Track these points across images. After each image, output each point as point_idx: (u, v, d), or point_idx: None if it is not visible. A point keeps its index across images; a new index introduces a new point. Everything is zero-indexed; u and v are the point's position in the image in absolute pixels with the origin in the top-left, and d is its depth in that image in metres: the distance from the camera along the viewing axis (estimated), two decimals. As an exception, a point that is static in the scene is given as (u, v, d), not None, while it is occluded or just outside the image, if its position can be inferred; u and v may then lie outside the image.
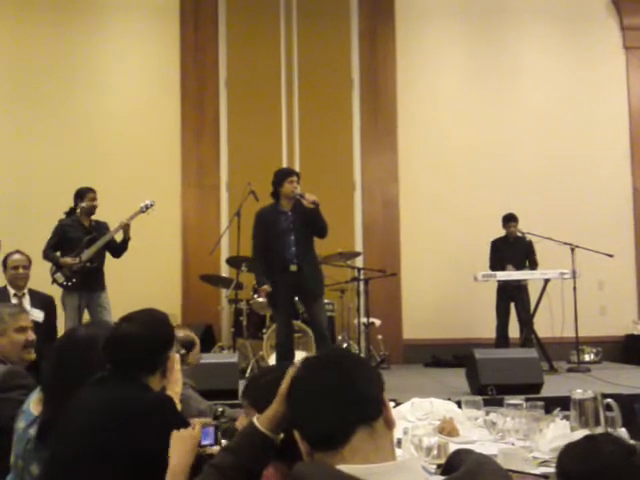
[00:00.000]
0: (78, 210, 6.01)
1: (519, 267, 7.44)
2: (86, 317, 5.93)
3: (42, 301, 5.56)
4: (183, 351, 3.14)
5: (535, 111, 8.76)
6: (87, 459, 1.92)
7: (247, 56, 8.55)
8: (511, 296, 7.51)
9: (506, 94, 8.79)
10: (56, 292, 5.95)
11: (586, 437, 1.67)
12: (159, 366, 2.17)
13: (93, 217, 6.14)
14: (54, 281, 5.92)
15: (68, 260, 5.89)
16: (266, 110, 8.48)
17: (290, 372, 1.44)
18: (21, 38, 8.25)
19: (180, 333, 3.31)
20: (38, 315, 5.47)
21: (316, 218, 5.44)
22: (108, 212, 6.21)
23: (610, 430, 2.67)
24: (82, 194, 6.10)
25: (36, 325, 5.29)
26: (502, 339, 7.48)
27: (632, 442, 1.92)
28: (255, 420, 1.52)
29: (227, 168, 8.44)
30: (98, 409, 2.00)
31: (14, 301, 5.27)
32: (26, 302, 5.42)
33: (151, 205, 6.13)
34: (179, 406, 2.46)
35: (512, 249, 7.63)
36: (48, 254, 5.94)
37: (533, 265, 7.56)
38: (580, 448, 1.63)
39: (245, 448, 1.51)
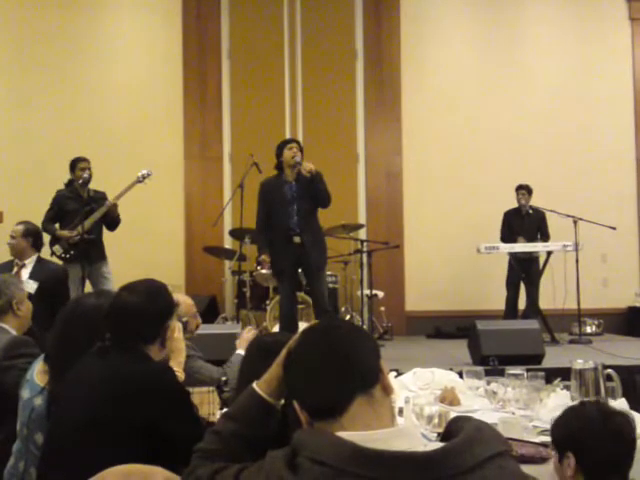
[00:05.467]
0: (80, 181, 6.01)
1: (531, 240, 7.32)
2: (88, 288, 5.94)
3: (47, 271, 5.36)
4: (185, 319, 3.15)
5: (540, 83, 8.68)
6: (88, 429, 1.93)
7: (250, 26, 8.47)
8: (521, 268, 7.32)
9: (511, 65, 8.70)
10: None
11: (574, 404, 1.79)
12: (159, 336, 2.18)
13: (92, 187, 6.13)
14: (53, 253, 5.93)
15: (65, 232, 5.90)
16: (269, 81, 8.42)
17: (290, 343, 1.45)
18: (24, 8, 8.16)
19: None
20: (31, 286, 5.43)
21: (316, 187, 5.42)
22: (110, 184, 6.20)
23: (610, 400, 2.69)
24: (73, 164, 6.09)
25: (29, 296, 5.29)
26: (511, 311, 7.45)
27: (615, 408, 1.99)
28: (255, 385, 1.53)
29: (230, 140, 8.41)
30: (98, 379, 2.02)
31: (15, 271, 5.25)
32: (25, 273, 5.37)
33: (148, 175, 6.10)
34: (181, 375, 2.48)
35: (524, 221, 7.54)
36: (46, 226, 5.94)
37: (545, 238, 7.44)
38: (565, 415, 1.88)
39: (244, 414, 1.51)
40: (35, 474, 2.18)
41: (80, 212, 5.86)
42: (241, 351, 3.43)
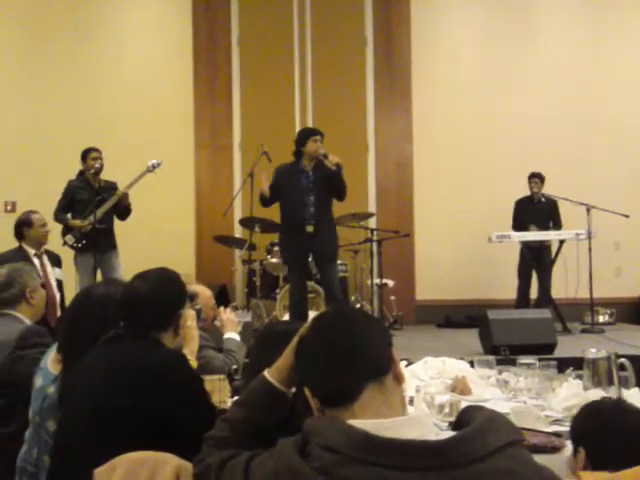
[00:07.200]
0: (91, 171, 6.03)
1: (543, 228, 7.27)
2: (98, 277, 5.99)
3: (54, 259, 5.60)
4: (198, 306, 3.14)
5: (553, 70, 8.59)
6: (99, 417, 1.94)
7: (259, 14, 8.44)
8: (533, 257, 7.26)
9: (523, 51, 8.62)
10: (68, 253, 5.99)
11: (594, 400, 2.03)
12: (171, 324, 2.18)
13: (103, 177, 6.15)
14: (65, 243, 5.97)
15: (77, 222, 5.94)
16: (279, 69, 8.39)
17: (302, 330, 1.44)
18: (34, -1, 8.18)
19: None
20: (59, 273, 5.55)
21: (337, 180, 5.42)
22: (121, 173, 6.21)
23: (623, 390, 2.67)
24: (84, 154, 6.12)
25: (59, 283, 5.42)
26: (523, 300, 7.39)
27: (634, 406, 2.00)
28: (266, 373, 1.53)
29: (240, 128, 8.39)
30: (110, 367, 2.02)
31: (35, 261, 5.30)
32: (46, 261, 5.48)
33: (158, 164, 6.12)
34: (194, 363, 2.47)
35: (536, 209, 7.48)
36: (58, 216, 5.99)
37: (557, 226, 7.38)
38: (582, 410, 1.99)
39: (256, 401, 1.51)
40: (48, 461, 2.20)
41: (92, 202, 5.89)
42: (231, 334, 3.39)
